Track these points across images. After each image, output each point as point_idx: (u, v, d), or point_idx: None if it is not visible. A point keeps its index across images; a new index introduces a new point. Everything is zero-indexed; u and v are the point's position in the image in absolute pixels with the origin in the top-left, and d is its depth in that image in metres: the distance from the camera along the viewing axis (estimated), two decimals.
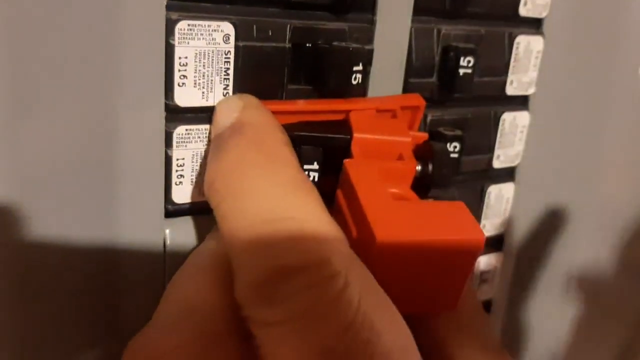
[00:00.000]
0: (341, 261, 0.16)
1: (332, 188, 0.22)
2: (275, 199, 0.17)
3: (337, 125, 0.23)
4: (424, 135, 0.25)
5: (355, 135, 0.23)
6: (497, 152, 0.31)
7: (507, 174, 0.33)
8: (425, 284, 0.20)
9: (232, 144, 0.19)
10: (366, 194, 0.20)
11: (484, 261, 0.33)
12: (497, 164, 0.32)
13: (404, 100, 0.25)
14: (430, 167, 0.23)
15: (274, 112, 0.23)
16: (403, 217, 0.19)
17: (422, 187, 0.24)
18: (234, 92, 0.22)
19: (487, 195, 0.32)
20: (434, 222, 0.19)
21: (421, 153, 0.24)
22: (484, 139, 0.31)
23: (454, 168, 0.28)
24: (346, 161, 0.22)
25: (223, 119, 0.21)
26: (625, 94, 0.35)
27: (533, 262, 0.36)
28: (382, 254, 0.19)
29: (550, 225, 0.36)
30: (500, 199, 0.33)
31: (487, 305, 0.36)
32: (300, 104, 0.23)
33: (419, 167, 0.23)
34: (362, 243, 0.19)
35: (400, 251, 0.19)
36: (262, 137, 0.19)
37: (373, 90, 0.26)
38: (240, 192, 0.17)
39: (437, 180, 0.23)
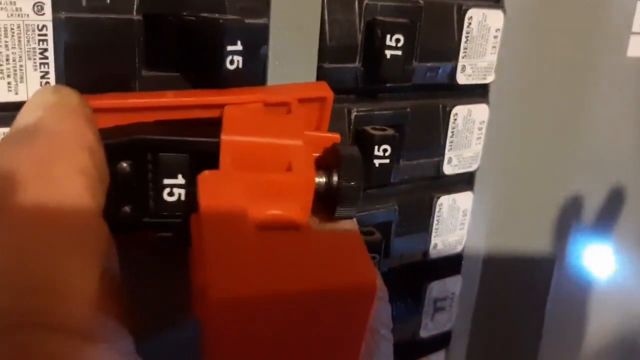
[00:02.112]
0: None
1: None
2: (23, 260, 0.13)
3: (207, 126, 0.17)
4: (334, 137, 0.19)
5: (224, 137, 0.17)
6: (448, 154, 0.25)
7: (464, 181, 0.27)
8: (301, 350, 0.14)
9: (10, 153, 0.14)
10: (215, 223, 0.14)
11: (437, 288, 0.28)
12: (448, 169, 0.26)
13: (302, 91, 0.19)
14: (335, 178, 0.17)
15: (115, 109, 0.17)
16: (259, 259, 0.13)
17: (328, 203, 0.18)
18: (57, 82, 0.17)
19: (437, 208, 0.26)
20: (306, 264, 0.14)
21: (327, 161, 0.18)
22: (430, 139, 0.25)
23: (383, 177, 0.22)
24: (200, 175, 0.16)
25: (22, 115, 0.15)
26: (601, 76, 0.29)
27: (499, 284, 0.31)
28: (220, 313, 0.13)
29: (518, 240, 0.30)
30: (454, 211, 0.27)
31: (446, 339, 0.30)
32: (156, 97, 0.17)
33: (322, 179, 0.18)
34: (201, 293, 0.13)
35: (248, 308, 0.13)
36: (51, 156, 0.14)
37: (274, 79, 0.20)
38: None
39: (343, 195, 0.18)
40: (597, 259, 0.35)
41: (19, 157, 0.14)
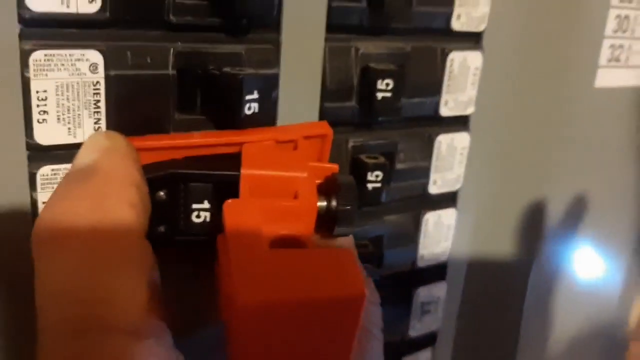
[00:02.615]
0: None
1: None
2: (85, 276, 0.16)
3: (228, 160, 0.21)
4: (333, 167, 0.23)
5: (243, 171, 0.20)
6: (433, 176, 0.29)
7: (448, 200, 0.30)
8: (306, 345, 0.18)
9: (72, 191, 0.17)
10: (239, 242, 0.18)
11: (424, 292, 0.31)
12: (433, 189, 0.29)
13: (307, 129, 0.23)
14: (334, 202, 0.21)
15: (154, 149, 0.20)
16: (273, 272, 0.17)
17: (329, 223, 0.21)
18: (107, 126, 0.20)
19: (424, 223, 0.30)
20: (309, 276, 0.17)
21: (327, 188, 0.22)
22: (417, 163, 0.28)
23: (375, 198, 0.26)
24: (226, 202, 0.19)
25: (81, 157, 0.18)
26: (573, 109, 0.33)
27: (480, 288, 0.34)
28: (245, 316, 0.16)
29: (496, 249, 0.34)
30: (439, 226, 0.30)
31: (433, 338, 0.33)
32: (187, 138, 0.21)
33: (323, 203, 0.21)
34: (229, 300, 0.17)
35: (267, 312, 0.16)
36: (106, 192, 0.17)
37: (283, 118, 0.24)
38: (59, 264, 0.16)
39: (341, 217, 0.21)
40: (568, 262, 0.39)
41: (79, 193, 0.17)
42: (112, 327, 0.15)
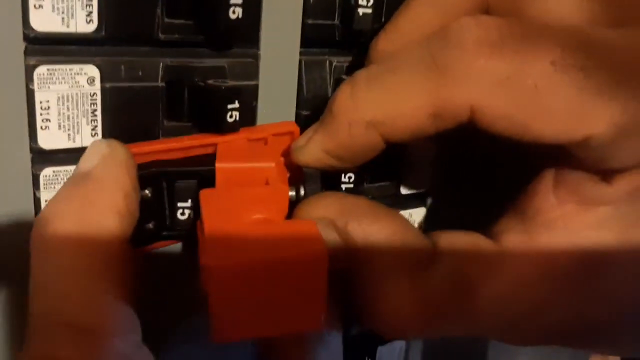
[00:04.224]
0: None
1: None
2: (61, 276, 0.17)
3: (206, 159, 0.23)
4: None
5: (217, 165, 0.23)
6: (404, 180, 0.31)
7: (418, 199, 0.33)
8: (280, 304, 0.20)
9: (66, 194, 0.19)
10: (212, 220, 0.20)
11: None
12: (404, 190, 0.32)
13: (276, 128, 0.25)
14: (302, 191, 0.23)
15: (146, 153, 0.23)
16: (241, 239, 0.19)
17: None
18: (103, 133, 0.22)
19: None
20: (274, 242, 0.19)
21: (295, 178, 0.24)
22: (387, 168, 0.31)
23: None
24: (202, 191, 0.22)
25: (82, 162, 0.21)
26: None
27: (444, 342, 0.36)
28: (212, 277, 0.18)
29: None
30: None
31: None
32: (172, 142, 0.23)
33: (293, 192, 0.24)
34: (202, 267, 0.19)
35: (235, 273, 0.19)
36: (95, 198, 0.19)
37: (262, 123, 0.26)
38: (41, 259, 0.18)
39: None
40: None
41: (71, 197, 0.19)
42: (79, 325, 0.17)
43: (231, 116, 0.23)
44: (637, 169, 0.18)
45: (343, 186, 0.28)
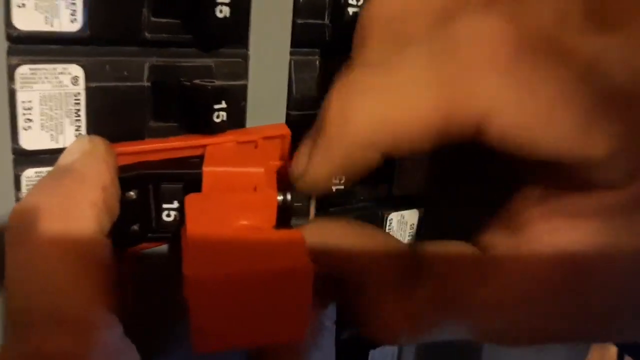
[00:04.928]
0: None
1: None
2: (35, 268, 0.17)
3: (194, 162, 0.23)
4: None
5: (204, 169, 0.22)
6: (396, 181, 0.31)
7: (410, 201, 0.32)
8: (263, 316, 0.19)
9: (44, 187, 0.19)
10: (196, 227, 0.20)
11: None
12: (397, 192, 0.31)
13: (266, 131, 0.25)
14: (289, 196, 0.23)
15: (131, 153, 0.22)
16: (224, 249, 0.19)
17: (285, 217, 0.24)
18: (87, 133, 0.22)
19: (388, 222, 0.32)
20: (257, 253, 0.19)
21: (283, 183, 0.24)
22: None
23: (341, 200, 0.28)
24: (187, 196, 0.21)
25: (63, 157, 0.21)
26: None
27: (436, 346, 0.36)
28: (193, 287, 0.18)
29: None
30: (403, 225, 0.32)
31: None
32: (158, 143, 0.23)
33: (280, 197, 0.23)
34: (184, 277, 0.19)
35: (216, 285, 0.18)
36: (72, 191, 0.19)
37: (252, 125, 0.26)
38: (18, 252, 0.18)
39: (296, 209, 0.23)
40: None
41: (48, 190, 0.19)
42: (57, 319, 0.17)
43: (218, 117, 0.23)
44: (624, 185, 0.18)
45: (333, 187, 0.28)
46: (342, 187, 0.28)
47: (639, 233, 0.18)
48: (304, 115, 0.27)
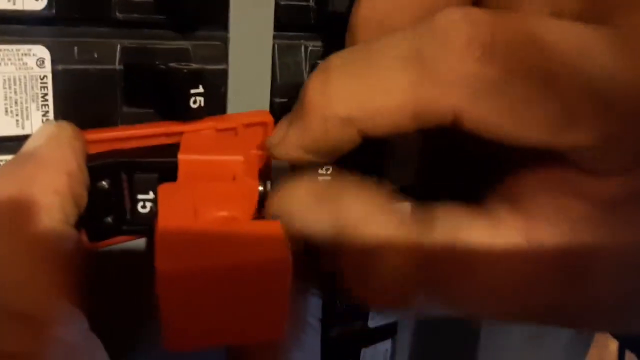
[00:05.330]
0: None
1: None
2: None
3: (170, 150, 0.22)
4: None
5: (180, 156, 0.21)
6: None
7: (402, 193, 0.31)
8: (238, 312, 0.18)
9: (5, 173, 0.18)
10: (167, 219, 0.18)
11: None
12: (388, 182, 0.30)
13: (247, 117, 0.24)
14: (269, 186, 0.22)
15: (103, 140, 0.21)
16: (197, 242, 0.18)
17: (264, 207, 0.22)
18: (56, 119, 0.21)
19: None
20: (233, 245, 0.18)
21: (264, 172, 0.23)
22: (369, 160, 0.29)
23: None
24: (160, 186, 0.20)
25: (28, 143, 0.19)
26: None
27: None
28: (163, 282, 0.17)
29: None
30: None
31: (393, 328, 0.34)
32: (131, 129, 0.22)
33: (261, 188, 0.22)
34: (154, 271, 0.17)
35: (188, 280, 0.17)
36: (34, 177, 0.18)
37: (233, 112, 0.25)
38: None
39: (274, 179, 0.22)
40: None
41: (10, 176, 0.18)
42: (8, 314, 0.16)
43: (195, 102, 0.22)
44: (628, 172, 0.17)
45: (320, 179, 0.27)
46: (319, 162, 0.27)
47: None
48: (289, 103, 0.26)
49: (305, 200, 0.20)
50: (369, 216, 0.20)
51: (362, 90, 0.18)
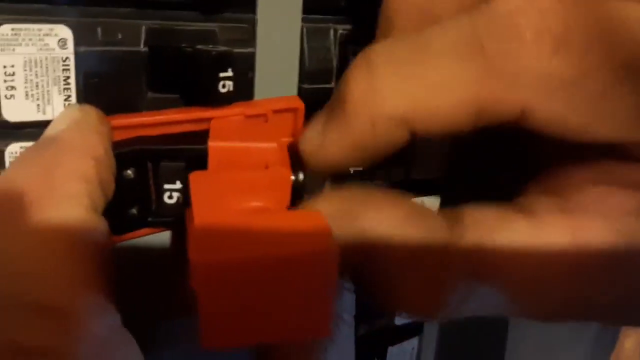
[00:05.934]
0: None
1: None
2: (18, 248, 0.15)
3: (198, 137, 0.21)
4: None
5: (210, 144, 0.20)
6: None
7: (430, 186, 0.30)
8: (280, 308, 0.17)
9: (28, 158, 0.17)
10: (202, 209, 0.17)
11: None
12: (416, 176, 0.29)
13: (277, 103, 0.22)
14: (302, 176, 0.21)
15: (128, 127, 0.20)
16: (235, 233, 0.16)
17: (298, 198, 0.21)
18: (78, 103, 0.20)
19: None
20: (273, 236, 0.17)
21: (298, 161, 0.22)
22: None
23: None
24: (192, 174, 0.19)
25: (50, 127, 0.18)
26: None
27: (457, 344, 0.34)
28: (201, 275, 0.16)
29: None
30: None
31: (420, 326, 0.33)
32: (158, 115, 0.21)
33: (293, 177, 0.21)
34: (189, 263, 0.16)
35: (226, 271, 0.16)
36: (59, 162, 0.17)
37: (260, 98, 0.23)
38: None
39: (307, 188, 0.21)
40: None
41: (33, 161, 0.17)
42: (36, 308, 0.15)
43: (224, 86, 0.21)
44: None
45: (351, 169, 0.26)
46: (361, 167, 0.26)
47: None
48: (317, 89, 0.25)
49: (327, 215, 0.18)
50: (394, 229, 0.18)
51: (415, 86, 0.16)
